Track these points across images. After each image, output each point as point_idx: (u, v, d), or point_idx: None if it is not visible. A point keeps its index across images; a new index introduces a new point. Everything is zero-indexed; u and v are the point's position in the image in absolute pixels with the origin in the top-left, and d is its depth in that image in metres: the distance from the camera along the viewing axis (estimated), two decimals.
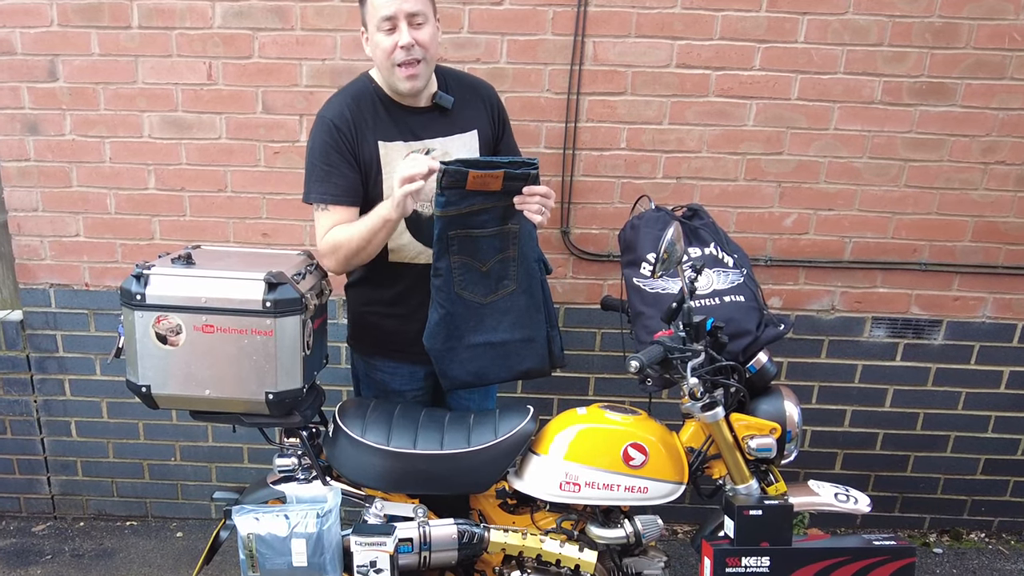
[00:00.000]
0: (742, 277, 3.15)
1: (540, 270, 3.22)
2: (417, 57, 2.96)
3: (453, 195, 2.88)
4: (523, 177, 2.89)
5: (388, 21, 2.92)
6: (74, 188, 4.21)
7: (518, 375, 3.29)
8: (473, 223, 2.98)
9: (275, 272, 2.71)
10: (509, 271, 3.13)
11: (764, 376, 2.97)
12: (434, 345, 3.15)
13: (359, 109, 3.11)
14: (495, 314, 3.16)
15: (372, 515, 2.99)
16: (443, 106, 3.16)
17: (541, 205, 2.92)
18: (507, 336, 3.18)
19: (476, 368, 3.20)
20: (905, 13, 3.85)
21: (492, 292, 3.14)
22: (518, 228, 3.07)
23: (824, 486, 3.05)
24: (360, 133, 3.09)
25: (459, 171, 2.81)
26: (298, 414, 2.91)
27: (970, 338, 4.36)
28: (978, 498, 4.68)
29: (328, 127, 3.08)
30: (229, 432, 4.15)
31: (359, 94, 3.16)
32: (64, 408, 4.59)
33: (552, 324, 3.30)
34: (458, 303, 3.10)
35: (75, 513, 4.83)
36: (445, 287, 3.06)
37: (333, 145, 3.07)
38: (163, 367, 2.73)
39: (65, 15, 3.94)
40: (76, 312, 4.41)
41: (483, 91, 3.34)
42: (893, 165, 4.07)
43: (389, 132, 3.12)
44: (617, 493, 2.89)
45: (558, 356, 3.33)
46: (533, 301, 3.19)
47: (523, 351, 3.23)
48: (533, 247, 3.17)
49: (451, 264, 3.04)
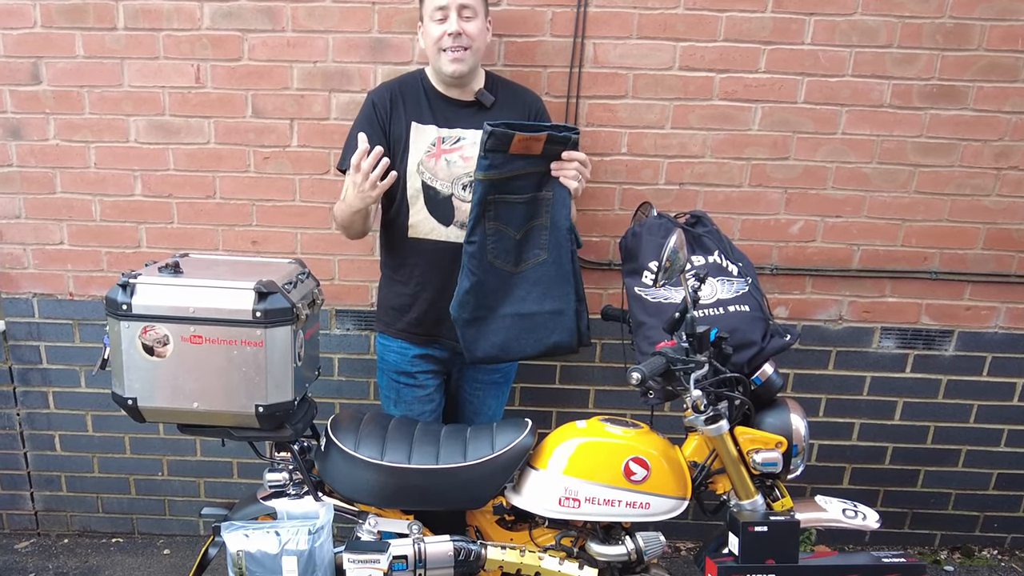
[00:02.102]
0: (747, 286, 3.16)
1: (572, 240, 3.30)
2: (464, 45, 3.28)
3: (497, 158, 3.11)
4: (563, 141, 3.13)
5: (440, 11, 3.26)
6: (58, 194, 4.20)
7: (546, 349, 3.38)
8: (510, 188, 3.19)
9: (265, 281, 2.71)
10: (540, 239, 3.27)
11: (770, 388, 2.98)
12: (461, 315, 3.28)
13: (402, 92, 3.46)
14: (525, 284, 3.30)
15: (365, 532, 3.00)
16: (483, 103, 3.44)
17: (578, 172, 3.19)
18: (536, 307, 3.31)
19: (502, 340, 3.32)
20: (915, 14, 3.85)
21: (523, 261, 3.29)
22: (551, 195, 3.23)
23: (832, 502, 3.05)
24: (395, 111, 3.43)
25: (505, 133, 3.05)
26: (289, 427, 2.91)
27: (982, 349, 4.36)
28: (990, 514, 4.67)
29: (368, 103, 3.47)
30: (218, 446, 4.16)
31: (407, 81, 3.53)
32: (48, 421, 4.58)
33: (580, 299, 3.36)
34: (489, 271, 3.24)
35: (59, 530, 4.81)
36: (479, 254, 3.22)
37: (366, 119, 3.43)
38: (150, 379, 2.74)
39: (49, 16, 3.94)
40: (60, 322, 4.41)
41: (527, 97, 3.62)
42: (903, 170, 4.07)
43: (424, 116, 3.43)
44: (618, 509, 2.90)
45: (585, 333, 3.40)
46: (562, 272, 3.29)
47: (551, 324, 3.33)
48: (565, 216, 3.26)
49: (486, 230, 3.20)
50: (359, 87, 3.96)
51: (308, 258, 4.02)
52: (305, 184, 4.12)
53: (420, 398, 3.61)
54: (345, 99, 3.99)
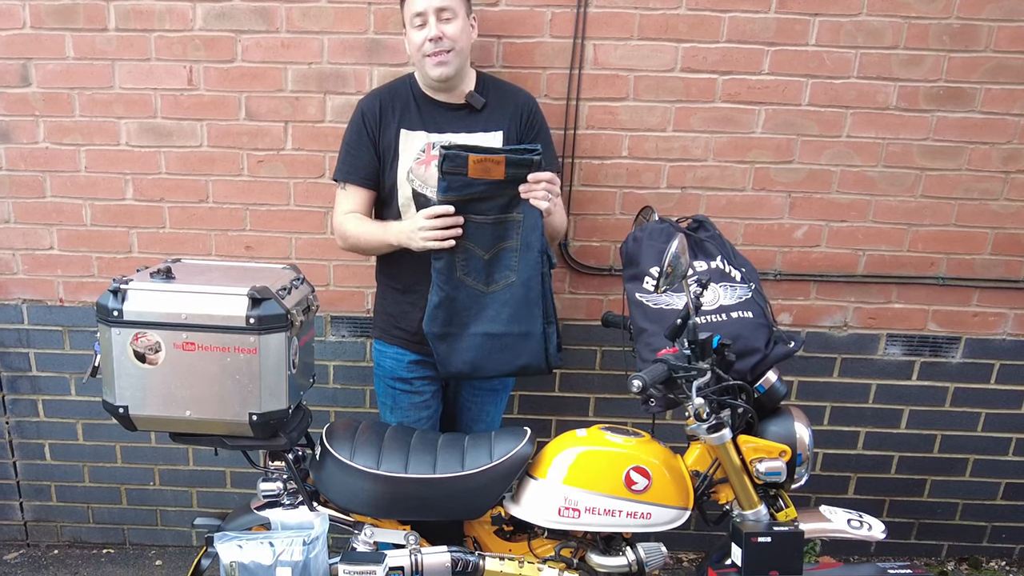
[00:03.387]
0: (750, 292, 3.16)
1: (544, 263, 3.30)
2: (446, 48, 3.29)
3: (455, 180, 3.10)
4: (526, 164, 3.10)
5: (419, 17, 3.30)
6: (48, 199, 4.20)
7: (515, 370, 3.41)
8: (474, 209, 3.18)
9: (259, 287, 2.72)
10: (511, 261, 3.27)
11: (773, 396, 2.98)
12: (432, 329, 3.31)
13: (391, 99, 3.49)
14: (495, 304, 3.30)
15: (361, 542, 3.00)
16: (474, 105, 3.46)
17: (547, 192, 3.17)
18: (504, 328, 3.31)
19: (473, 358, 3.33)
20: (922, 14, 3.86)
21: (494, 282, 3.29)
22: (522, 218, 3.21)
23: (836, 512, 3.05)
24: (385, 120, 3.45)
25: (459, 155, 3.03)
26: (283, 436, 2.91)
27: (990, 356, 4.36)
28: (999, 524, 4.68)
29: (358, 112, 3.51)
30: (211, 455, 4.15)
31: (395, 87, 3.55)
32: (37, 430, 4.58)
33: (550, 321, 3.36)
34: (460, 288, 3.27)
35: (49, 540, 4.81)
36: (446, 269, 3.24)
37: (356, 129, 3.48)
38: (141, 387, 2.74)
39: (38, 17, 3.94)
40: (50, 329, 4.41)
41: (520, 97, 3.60)
42: (909, 174, 4.07)
43: (414, 122, 3.46)
44: (619, 519, 2.90)
45: (553, 355, 3.40)
46: (530, 294, 3.29)
47: (519, 346, 3.34)
48: (538, 238, 3.26)
49: (453, 247, 3.20)
50: (355, 89, 3.96)
51: (303, 263, 4.03)
52: (300, 188, 4.13)
53: (416, 404, 3.61)
54: (340, 101, 3.99)
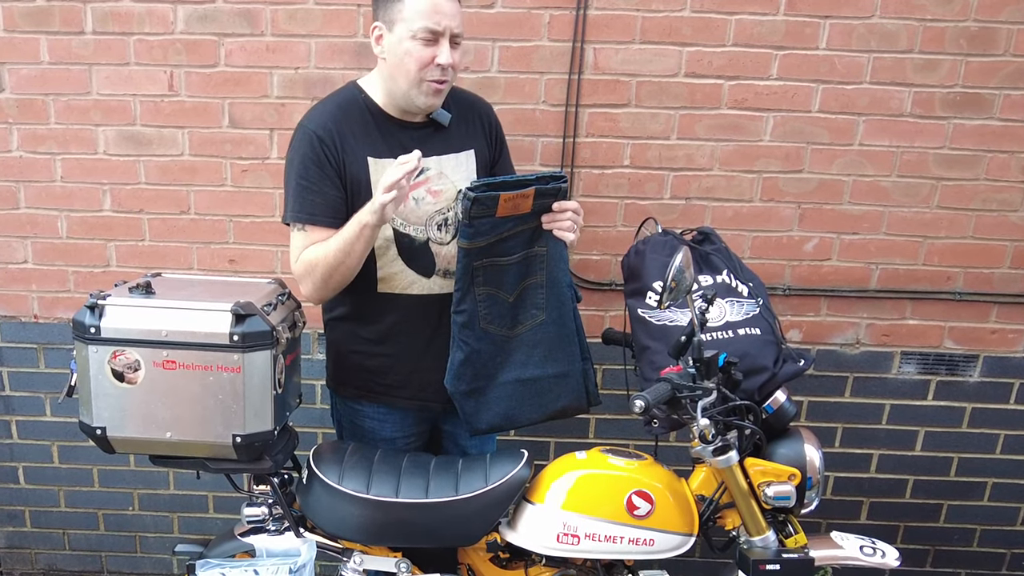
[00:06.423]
0: (758, 308, 3.17)
1: (572, 297, 3.23)
2: (449, 78, 3.00)
3: (483, 224, 2.95)
4: (553, 193, 2.96)
5: (431, 33, 2.90)
6: (22, 210, 4.21)
7: (553, 414, 3.30)
8: (499, 251, 3.04)
9: (243, 303, 2.72)
10: (537, 299, 3.16)
11: (782, 417, 2.98)
12: (458, 388, 3.16)
13: (346, 120, 3.07)
14: (524, 347, 3.19)
15: (350, 570, 3.00)
16: (439, 122, 3.16)
17: (572, 223, 3.02)
18: (538, 372, 3.20)
19: (505, 409, 3.22)
20: (937, 17, 3.86)
21: (520, 323, 3.17)
22: (545, 251, 3.11)
23: (848, 538, 3.06)
24: (346, 147, 3.04)
25: (490, 196, 2.85)
26: (269, 459, 2.91)
27: (1009, 375, 4.36)
28: (1018, 551, 4.67)
29: (309, 139, 3.02)
30: (192, 479, 4.14)
31: (346, 104, 3.13)
32: (11, 452, 4.58)
33: (586, 356, 3.30)
34: (484, 339, 3.13)
35: (23, 568, 4.81)
36: (470, 323, 3.09)
37: (313, 159, 3.01)
38: (120, 407, 2.74)
39: (11, 19, 3.95)
40: (24, 347, 4.41)
41: (480, 109, 3.36)
42: (924, 184, 4.08)
43: (379, 148, 3.08)
44: (620, 546, 2.90)
45: (593, 392, 3.33)
46: (565, 331, 3.21)
47: (557, 388, 3.24)
48: (564, 271, 3.17)
49: (476, 297, 3.07)
50: None
51: (288, 278, 4.03)
52: None
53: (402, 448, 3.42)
54: None
